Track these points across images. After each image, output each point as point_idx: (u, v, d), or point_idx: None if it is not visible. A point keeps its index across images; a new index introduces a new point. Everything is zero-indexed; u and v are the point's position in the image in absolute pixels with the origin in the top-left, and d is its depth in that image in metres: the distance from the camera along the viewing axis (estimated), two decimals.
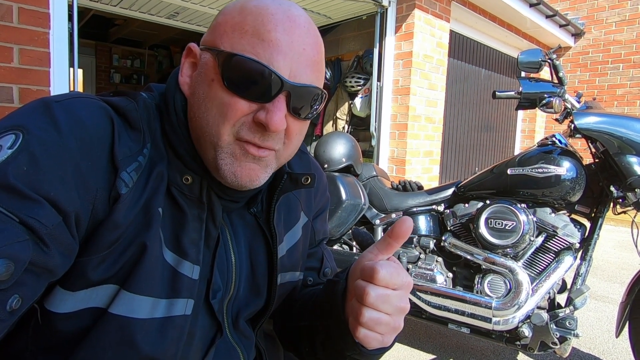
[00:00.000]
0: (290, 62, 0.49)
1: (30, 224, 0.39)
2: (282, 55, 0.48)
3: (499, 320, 1.57)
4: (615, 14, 5.89)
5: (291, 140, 0.54)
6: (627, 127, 1.48)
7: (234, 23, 0.50)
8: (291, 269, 0.67)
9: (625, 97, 5.80)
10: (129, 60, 7.33)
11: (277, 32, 0.48)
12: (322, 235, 0.77)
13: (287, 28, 0.49)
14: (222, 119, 0.49)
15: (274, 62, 0.48)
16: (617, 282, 3.16)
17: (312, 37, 0.51)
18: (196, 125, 0.52)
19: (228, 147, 0.50)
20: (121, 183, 0.46)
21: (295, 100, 0.50)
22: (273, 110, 0.48)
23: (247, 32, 0.48)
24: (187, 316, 0.52)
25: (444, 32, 4.00)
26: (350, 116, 4.39)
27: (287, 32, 0.49)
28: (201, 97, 0.51)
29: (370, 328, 0.49)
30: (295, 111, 0.51)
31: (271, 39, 0.48)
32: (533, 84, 1.68)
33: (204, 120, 0.50)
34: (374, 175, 2.19)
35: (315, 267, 0.75)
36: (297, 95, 0.50)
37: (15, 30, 1.85)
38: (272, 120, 0.48)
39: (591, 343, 2.16)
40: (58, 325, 0.46)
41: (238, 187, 0.52)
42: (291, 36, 0.49)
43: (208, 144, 0.51)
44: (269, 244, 0.63)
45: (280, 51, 0.48)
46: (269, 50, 0.48)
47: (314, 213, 0.73)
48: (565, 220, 1.60)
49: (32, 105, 0.46)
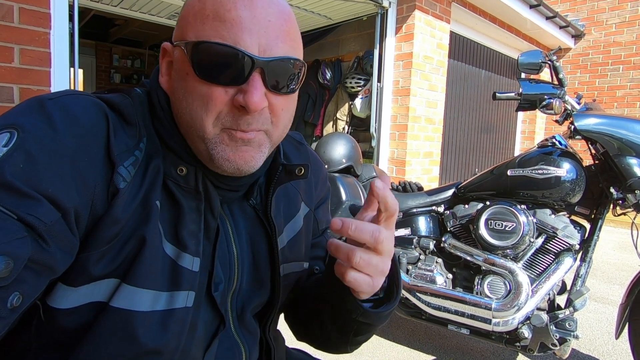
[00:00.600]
0: (257, 37, 0.47)
1: (28, 221, 0.39)
2: (247, 32, 0.47)
3: (498, 322, 1.58)
4: (616, 16, 5.90)
5: (278, 117, 0.52)
6: (627, 128, 1.48)
7: (195, 12, 0.49)
8: (294, 259, 0.66)
9: (625, 98, 5.80)
10: (129, 60, 7.33)
11: (238, 9, 0.47)
12: (326, 224, 0.77)
13: (247, 3, 0.47)
14: (203, 111, 0.48)
15: (240, 41, 0.46)
16: (616, 284, 3.16)
17: (276, 7, 0.49)
18: (182, 121, 0.52)
19: (215, 138, 0.50)
20: (119, 178, 0.46)
21: (271, 75, 0.49)
22: (249, 90, 0.47)
23: (208, 17, 0.47)
24: (189, 308, 0.52)
25: (444, 33, 4.01)
26: (350, 117, 4.39)
27: (247, 7, 0.47)
28: (180, 93, 0.51)
29: (359, 268, 0.48)
30: (275, 87, 0.50)
31: (232, 17, 0.46)
32: (533, 85, 1.68)
33: (187, 115, 0.50)
34: (374, 176, 2.20)
35: (321, 256, 0.75)
36: (272, 70, 0.49)
37: (16, 30, 1.86)
38: (250, 100, 0.47)
39: (591, 344, 2.16)
40: (60, 321, 0.46)
41: (236, 173, 0.52)
42: (253, 10, 0.47)
43: (196, 138, 0.51)
44: (269, 235, 0.63)
45: (244, 28, 0.47)
46: (232, 30, 0.46)
47: (315, 203, 0.73)
48: (565, 222, 1.60)
49: (26, 103, 0.46)
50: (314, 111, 4.71)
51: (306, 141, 0.78)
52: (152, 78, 0.57)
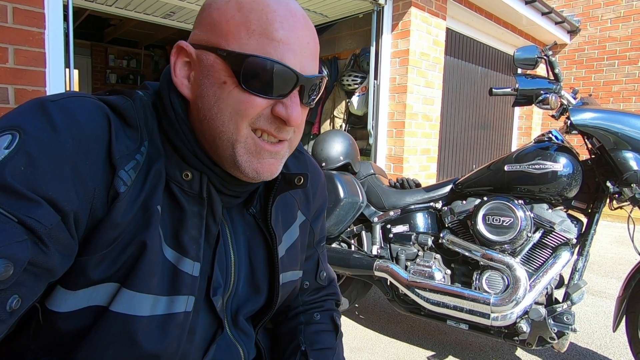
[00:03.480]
0: (300, 57, 0.51)
1: (28, 224, 0.39)
2: (292, 53, 0.50)
3: (497, 316, 1.58)
4: (611, 11, 5.91)
5: (300, 128, 0.57)
6: (623, 123, 1.48)
7: (236, 22, 0.49)
8: (291, 267, 0.67)
9: (621, 93, 5.82)
10: (125, 60, 7.30)
11: (284, 29, 0.50)
12: (320, 236, 0.78)
13: (292, 24, 0.50)
14: (239, 116, 0.50)
15: (286, 59, 0.50)
16: (613, 277, 3.18)
17: (311, 30, 0.54)
18: (209, 126, 0.51)
19: (245, 142, 0.52)
20: (119, 182, 0.46)
21: (306, 92, 0.53)
22: (291, 105, 0.51)
23: (254, 32, 0.49)
24: (188, 313, 0.52)
25: (441, 30, 4.01)
26: (347, 114, 4.39)
27: (292, 28, 0.50)
28: (212, 99, 0.50)
29: None
30: (306, 102, 0.54)
31: (280, 37, 0.49)
32: (529, 80, 1.68)
33: (218, 120, 0.51)
34: (371, 173, 2.20)
35: (311, 271, 0.76)
36: (308, 86, 0.53)
37: (10, 30, 1.85)
38: (292, 116, 0.51)
39: (589, 338, 2.17)
40: (59, 325, 0.46)
41: (256, 180, 0.55)
42: (296, 32, 0.51)
43: (225, 143, 0.51)
44: (269, 243, 0.63)
45: (290, 49, 0.50)
46: (280, 49, 0.49)
47: (312, 213, 0.74)
48: (562, 216, 1.61)
49: (28, 105, 0.45)
50: (311, 109, 4.71)
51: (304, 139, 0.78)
52: (163, 79, 0.56)
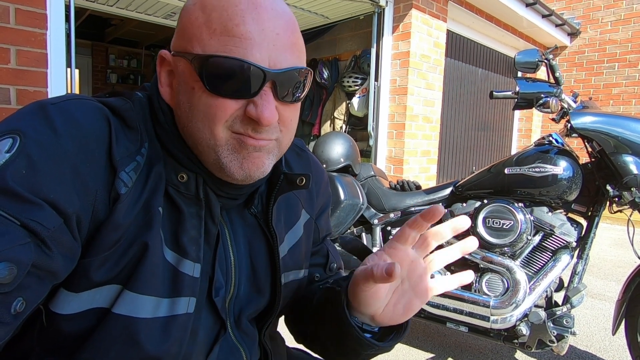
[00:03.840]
0: (267, 51, 0.47)
1: (31, 227, 0.39)
2: (257, 48, 0.47)
3: (496, 319, 1.59)
4: (611, 14, 5.93)
5: (287, 126, 0.53)
6: (623, 126, 1.49)
7: (199, 23, 0.48)
8: (294, 268, 0.67)
9: (621, 96, 5.83)
10: (126, 60, 7.30)
11: (246, 24, 0.46)
12: (326, 232, 0.77)
13: (255, 17, 0.47)
14: (212, 121, 0.48)
15: (250, 56, 0.46)
16: (613, 280, 3.18)
17: (282, 20, 0.49)
18: (189, 133, 0.51)
19: (226, 144, 0.50)
20: (120, 183, 0.46)
21: (281, 87, 0.49)
22: (262, 104, 0.48)
23: (215, 31, 0.47)
24: (190, 314, 0.52)
25: (441, 32, 4.02)
26: (347, 116, 4.39)
27: (255, 21, 0.47)
28: (186, 107, 0.50)
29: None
30: (284, 98, 0.50)
31: (241, 32, 0.46)
32: (530, 84, 1.69)
33: (194, 127, 0.50)
34: (372, 175, 2.20)
35: (321, 263, 0.75)
36: (281, 82, 0.49)
37: (12, 31, 1.85)
38: (262, 115, 0.47)
39: (588, 341, 2.17)
40: (63, 327, 0.46)
41: (247, 180, 0.52)
42: (261, 24, 0.47)
43: (206, 148, 0.50)
44: (270, 244, 0.63)
45: (254, 44, 0.46)
46: (242, 44, 0.46)
47: (316, 211, 0.73)
48: (562, 219, 1.61)
49: (28, 108, 0.46)
50: (312, 110, 4.71)
51: (304, 141, 0.78)
52: (153, 83, 0.56)
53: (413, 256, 0.55)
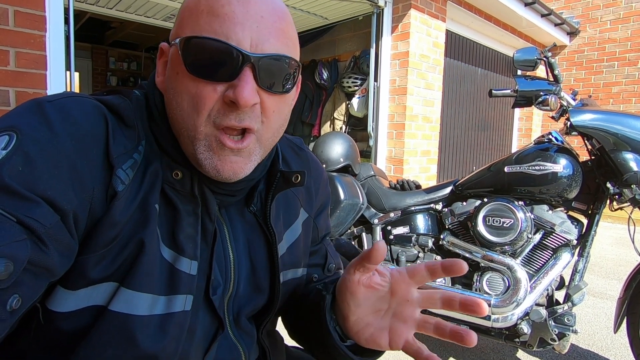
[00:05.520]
0: (249, 32, 0.47)
1: (28, 224, 0.39)
2: (240, 26, 0.46)
3: (497, 318, 1.58)
4: (610, 13, 5.93)
5: (269, 118, 0.51)
6: (623, 124, 1.49)
7: (190, 9, 0.49)
8: (293, 266, 0.66)
9: (621, 94, 5.83)
10: (126, 63, 7.32)
11: (232, 4, 0.47)
12: (325, 231, 0.77)
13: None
14: (195, 110, 0.48)
15: (232, 34, 0.46)
16: (614, 279, 3.17)
17: (270, 4, 0.49)
18: (173, 121, 0.51)
19: (205, 139, 0.49)
20: (117, 180, 0.46)
21: (263, 72, 0.48)
22: (239, 84, 0.46)
23: (202, 12, 0.47)
24: (187, 312, 0.52)
25: (440, 31, 4.02)
26: (347, 116, 4.40)
27: (241, 3, 0.47)
28: (172, 92, 0.50)
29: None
30: (267, 85, 0.49)
31: (226, 12, 0.46)
32: (529, 81, 1.69)
33: (178, 115, 0.49)
34: (372, 175, 2.20)
35: (319, 264, 0.75)
36: (264, 67, 0.48)
37: (11, 33, 1.85)
38: (240, 95, 0.46)
39: (590, 339, 2.17)
40: (59, 324, 0.46)
41: (223, 180, 0.52)
42: (246, 6, 0.47)
43: (186, 139, 0.50)
44: (269, 242, 0.63)
45: (236, 22, 0.46)
46: (225, 24, 0.46)
47: (315, 210, 0.73)
48: (562, 217, 1.61)
49: (25, 106, 0.46)
50: (312, 111, 4.72)
51: (304, 141, 0.77)
52: (150, 79, 0.57)
53: (403, 281, 0.52)
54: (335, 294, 0.57)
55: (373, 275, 0.52)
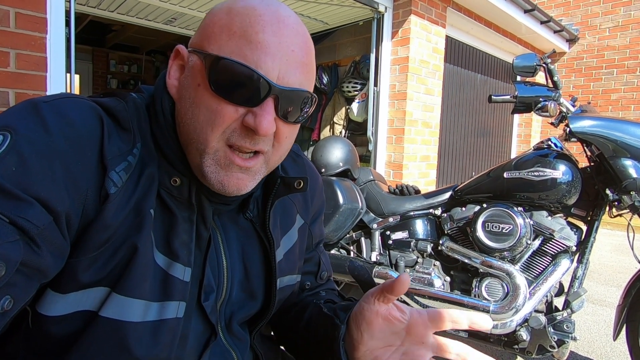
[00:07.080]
0: (278, 63, 0.47)
1: (20, 224, 0.38)
2: (270, 57, 0.47)
3: (496, 324, 1.57)
4: (609, 20, 5.96)
5: (280, 143, 0.53)
6: (622, 130, 1.49)
7: (221, 24, 0.49)
8: (289, 272, 0.66)
9: (620, 101, 5.85)
10: (126, 65, 7.34)
11: (265, 33, 0.47)
12: (319, 239, 0.77)
13: (276, 29, 0.48)
14: (210, 126, 0.48)
15: (262, 64, 0.47)
16: (614, 286, 3.16)
17: (301, 38, 0.50)
18: (184, 130, 0.51)
19: (215, 154, 0.49)
20: (110, 183, 0.46)
21: (284, 104, 0.49)
22: (261, 114, 0.47)
23: (234, 34, 0.47)
24: (180, 319, 0.51)
25: (440, 37, 4.03)
26: (347, 121, 4.40)
27: (275, 33, 0.47)
28: (188, 102, 0.50)
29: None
30: (284, 115, 0.50)
31: (259, 40, 0.47)
32: (528, 87, 1.69)
33: (191, 126, 0.50)
34: (371, 180, 2.20)
35: (312, 272, 0.75)
36: (285, 99, 0.49)
37: (12, 34, 1.85)
38: (260, 125, 0.47)
39: (589, 346, 2.16)
40: (49, 329, 0.46)
41: (225, 195, 0.52)
42: (280, 37, 0.48)
43: (194, 150, 0.50)
44: (266, 248, 0.62)
45: (268, 53, 0.47)
46: (256, 52, 0.46)
47: (311, 216, 0.73)
48: (561, 224, 1.61)
49: (20, 106, 0.45)
50: (311, 116, 4.73)
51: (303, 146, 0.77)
52: (158, 83, 0.56)
53: (422, 323, 0.52)
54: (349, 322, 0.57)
55: (392, 308, 0.52)
